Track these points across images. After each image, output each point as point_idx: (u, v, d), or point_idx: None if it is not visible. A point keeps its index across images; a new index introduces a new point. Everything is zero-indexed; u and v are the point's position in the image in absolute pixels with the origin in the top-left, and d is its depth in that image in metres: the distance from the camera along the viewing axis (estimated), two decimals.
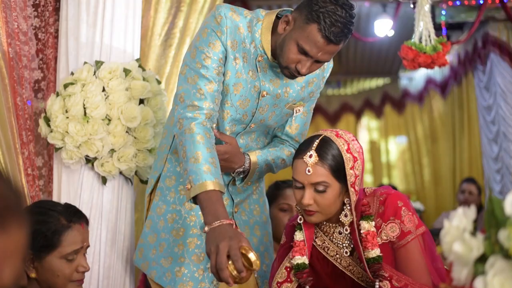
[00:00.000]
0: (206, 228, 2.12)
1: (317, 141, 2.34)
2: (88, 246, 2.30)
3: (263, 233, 2.80)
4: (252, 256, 2.03)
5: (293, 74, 2.47)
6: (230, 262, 2.04)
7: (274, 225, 3.06)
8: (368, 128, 11.29)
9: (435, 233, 2.44)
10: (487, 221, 1.26)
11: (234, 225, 2.13)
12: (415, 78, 10.24)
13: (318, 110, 10.27)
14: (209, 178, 2.21)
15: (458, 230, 1.28)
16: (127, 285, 3.04)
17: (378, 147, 11.19)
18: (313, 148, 2.33)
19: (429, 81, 9.59)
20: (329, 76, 2.78)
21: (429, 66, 3.90)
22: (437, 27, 5.82)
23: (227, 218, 2.13)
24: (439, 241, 1.35)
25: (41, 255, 2.18)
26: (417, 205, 8.52)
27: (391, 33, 6.61)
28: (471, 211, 1.29)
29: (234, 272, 2.04)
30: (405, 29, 6.51)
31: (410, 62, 3.90)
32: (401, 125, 10.79)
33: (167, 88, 3.49)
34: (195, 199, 2.23)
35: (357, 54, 9.43)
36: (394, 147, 11.10)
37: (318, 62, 2.44)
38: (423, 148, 10.21)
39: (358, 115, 11.22)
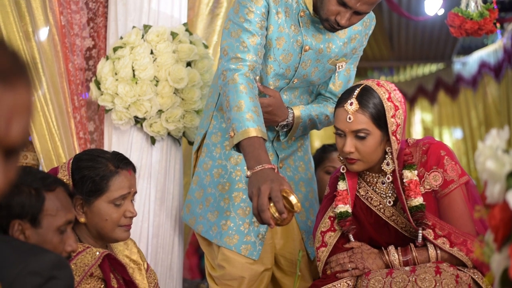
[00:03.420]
0: (249, 173, 2.16)
1: (358, 89, 2.36)
2: (135, 192, 2.36)
3: (308, 189, 2.83)
4: (293, 198, 2.05)
5: (333, 27, 2.49)
6: (271, 204, 2.07)
7: (319, 187, 3.08)
8: (422, 120, 11.15)
9: None
10: None
11: (276, 170, 2.17)
12: (468, 63, 10.08)
13: None
14: (251, 125, 2.25)
15: (491, 149, 1.30)
16: (176, 244, 3.10)
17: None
18: (354, 96, 2.35)
19: (483, 65, 9.43)
20: (382, 63, 2.79)
21: (476, 33, 3.84)
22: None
23: (269, 163, 2.16)
24: None
25: (90, 200, 2.26)
26: None
27: (441, 12, 6.53)
28: (505, 132, 1.31)
29: (276, 214, 2.06)
30: None
31: (457, 29, 3.86)
32: (455, 114, 10.61)
33: (214, 57, 3.54)
34: (238, 147, 2.28)
35: (409, 37, 9.32)
36: (449, 139, 10.95)
37: (358, 14, 2.45)
38: (477, 135, 10.05)
39: (412, 102, 11.09)
